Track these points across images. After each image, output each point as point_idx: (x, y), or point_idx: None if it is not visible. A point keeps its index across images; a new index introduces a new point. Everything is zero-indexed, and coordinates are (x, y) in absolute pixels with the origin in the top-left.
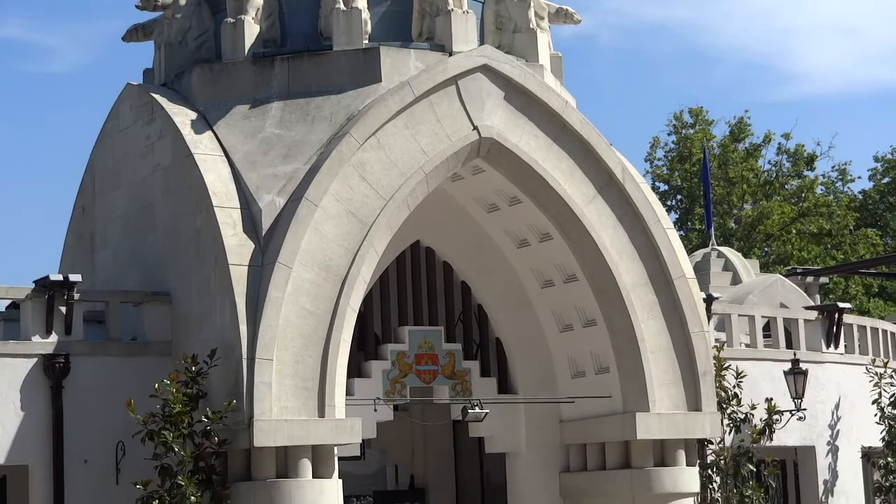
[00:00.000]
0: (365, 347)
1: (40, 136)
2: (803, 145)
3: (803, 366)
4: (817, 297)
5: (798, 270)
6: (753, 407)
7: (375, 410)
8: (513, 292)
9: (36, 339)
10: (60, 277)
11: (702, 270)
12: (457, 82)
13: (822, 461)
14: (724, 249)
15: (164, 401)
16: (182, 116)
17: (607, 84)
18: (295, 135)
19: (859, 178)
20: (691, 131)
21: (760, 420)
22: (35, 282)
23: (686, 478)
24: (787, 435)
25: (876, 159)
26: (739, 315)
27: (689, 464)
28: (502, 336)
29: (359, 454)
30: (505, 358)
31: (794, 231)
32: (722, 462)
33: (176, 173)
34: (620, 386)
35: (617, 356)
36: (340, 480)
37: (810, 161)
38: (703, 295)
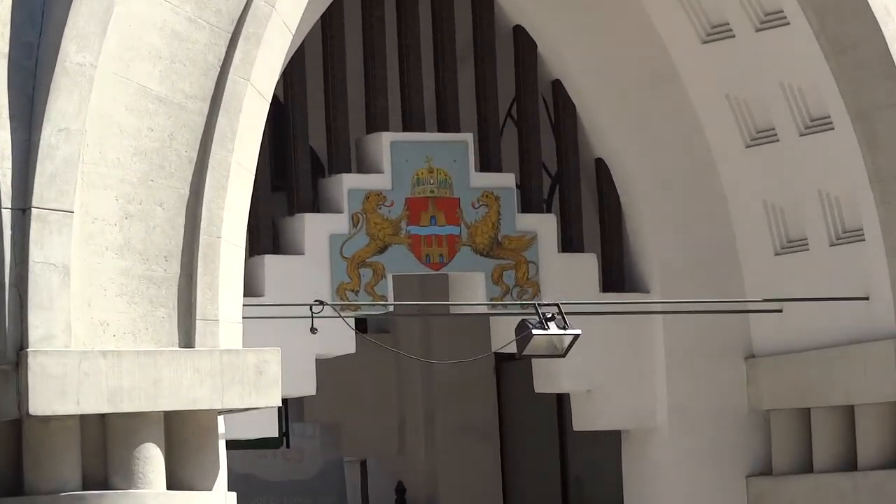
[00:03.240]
0: (289, 183)
1: None
2: None
3: None
4: None
5: None
6: None
7: (314, 331)
8: (636, 52)
9: None
10: None
11: None
12: None
13: None
14: None
15: None
16: None
17: None
18: None
19: None
20: None
21: None
22: None
23: None
24: None
25: None
26: None
27: None
28: (610, 155)
29: (277, 434)
30: (617, 210)
31: None
32: None
33: None
34: (890, 272)
35: (881, 200)
36: (234, 494)
37: None
38: None
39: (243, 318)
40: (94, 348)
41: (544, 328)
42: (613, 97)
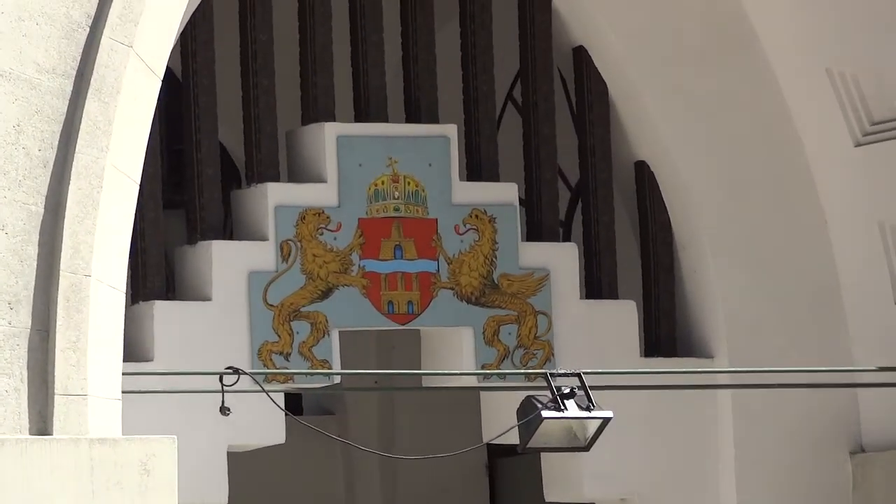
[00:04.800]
0: (189, 195)
1: None
2: None
3: None
4: None
5: None
6: None
7: (226, 412)
8: (698, 9)
9: None
10: None
11: None
12: None
13: None
14: None
15: None
16: None
17: None
18: None
19: None
20: None
21: None
22: None
23: None
24: None
25: None
26: None
27: None
28: (656, 157)
29: None
30: (668, 239)
31: None
32: None
33: None
34: None
35: None
36: None
37: None
38: None
39: (124, 392)
40: None
41: (560, 409)
42: (663, 72)
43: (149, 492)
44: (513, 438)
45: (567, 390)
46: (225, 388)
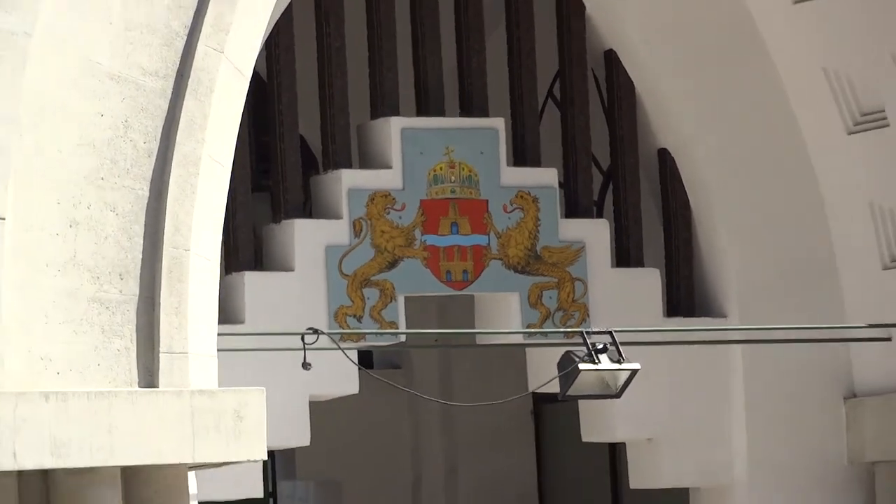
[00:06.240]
0: (274, 181)
1: None
2: None
3: None
4: None
5: None
6: None
7: (307, 367)
8: (709, 14)
9: None
10: None
11: None
12: None
13: None
14: None
15: None
16: None
17: None
18: None
19: None
20: None
21: None
22: None
23: None
24: None
25: None
26: None
27: None
28: (677, 146)
29: (263, 495)
30: (686, 215)
31: None
32: None
33: None
34: None
35: None
36: None
37: None
38: None
39: (219, 350)
40: (34, 389)
41: (594, 362)
42: (682, 72)
43: (241, 435)
44: (554, 388)
45: (600, 346)
46: (306, 346)
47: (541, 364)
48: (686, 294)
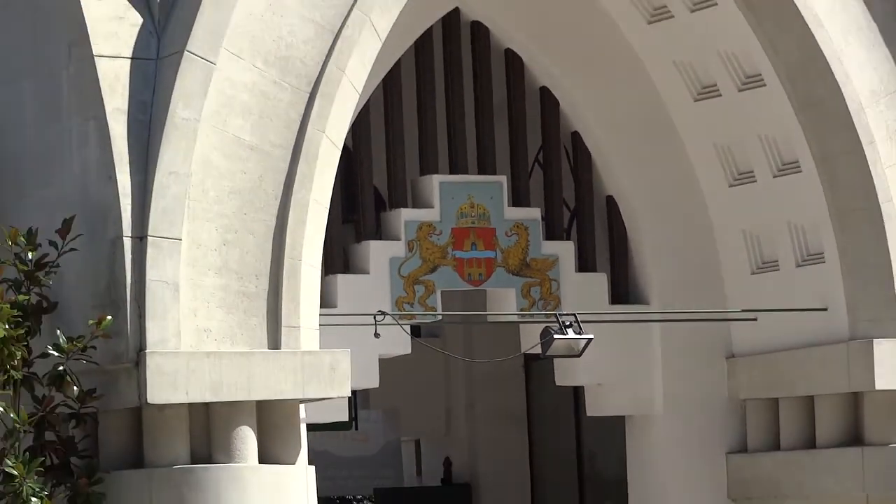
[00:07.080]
0: (357, 215)
1: None
2: None
3: None
4: None
5: None
6: None
7: (377, 336)
8: (640, 109)
9: None
10: None
11: None
12: None
13: None
14: None
15: None
16: None
17: None
18: None
19: None
20: None
21: None
22: None
23: None
24: None
25: None
26: None
27: None
28: (618, 193)
29: (347, 419)
30: (623, 237)
31: None
32: None
33: None
34: (845, 288)
35: (839, 229)
36: (313, 468)
37: None
38: None
39: (320, 325)
40: (199, 350)
41: (564, 333)
42: (622, 146)
43: (334, 381)
44: (537, 350)
45: (568, 323)
46: (377, 322)
47: (529, 334)
48: (623, 289)
